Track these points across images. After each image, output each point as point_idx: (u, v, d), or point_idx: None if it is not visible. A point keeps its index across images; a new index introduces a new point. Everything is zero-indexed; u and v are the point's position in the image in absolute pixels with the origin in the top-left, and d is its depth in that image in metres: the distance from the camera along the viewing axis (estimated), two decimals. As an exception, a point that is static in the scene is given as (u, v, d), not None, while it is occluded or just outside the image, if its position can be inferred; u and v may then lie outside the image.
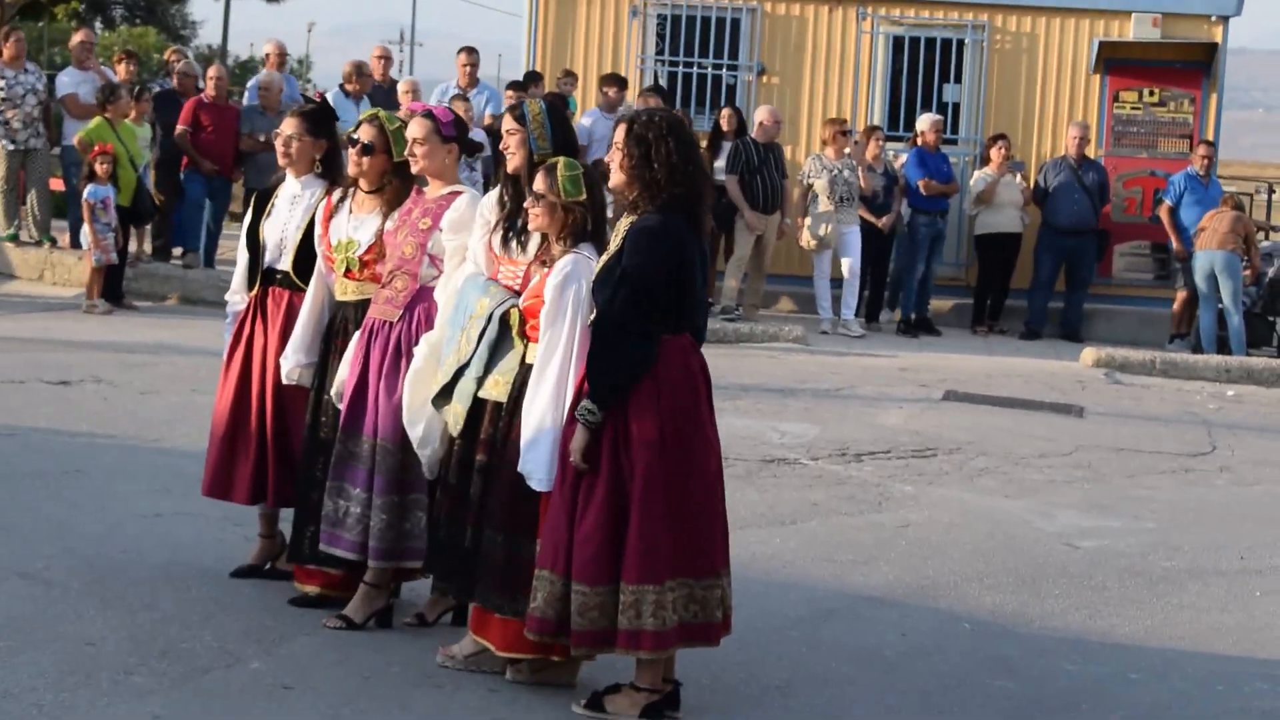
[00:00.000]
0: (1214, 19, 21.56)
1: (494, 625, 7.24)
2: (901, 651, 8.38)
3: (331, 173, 8.58)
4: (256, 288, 8.61)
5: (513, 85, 20.75)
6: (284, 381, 8.32)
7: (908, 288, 20.57)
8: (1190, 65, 21.64)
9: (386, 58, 21.16)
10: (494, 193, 7.68)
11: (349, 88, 19.95)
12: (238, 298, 8.83)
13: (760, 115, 20.02)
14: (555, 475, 6.97)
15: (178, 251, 20.40)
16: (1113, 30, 21.51)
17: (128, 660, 7.21)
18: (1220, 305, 19.73)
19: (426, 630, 8.06)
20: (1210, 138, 21.28)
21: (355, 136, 8.15)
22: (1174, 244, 20.28)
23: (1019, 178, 20.77)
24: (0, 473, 10.39)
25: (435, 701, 7.13)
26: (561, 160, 7.23)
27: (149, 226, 20.21)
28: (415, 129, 7.88)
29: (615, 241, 6.96)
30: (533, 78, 20.55)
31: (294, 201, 8.55)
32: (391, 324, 7.88)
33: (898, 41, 22.09)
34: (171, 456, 11.24)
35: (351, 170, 8.22)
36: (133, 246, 19.40)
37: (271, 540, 8.70)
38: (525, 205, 7.27)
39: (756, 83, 22.04)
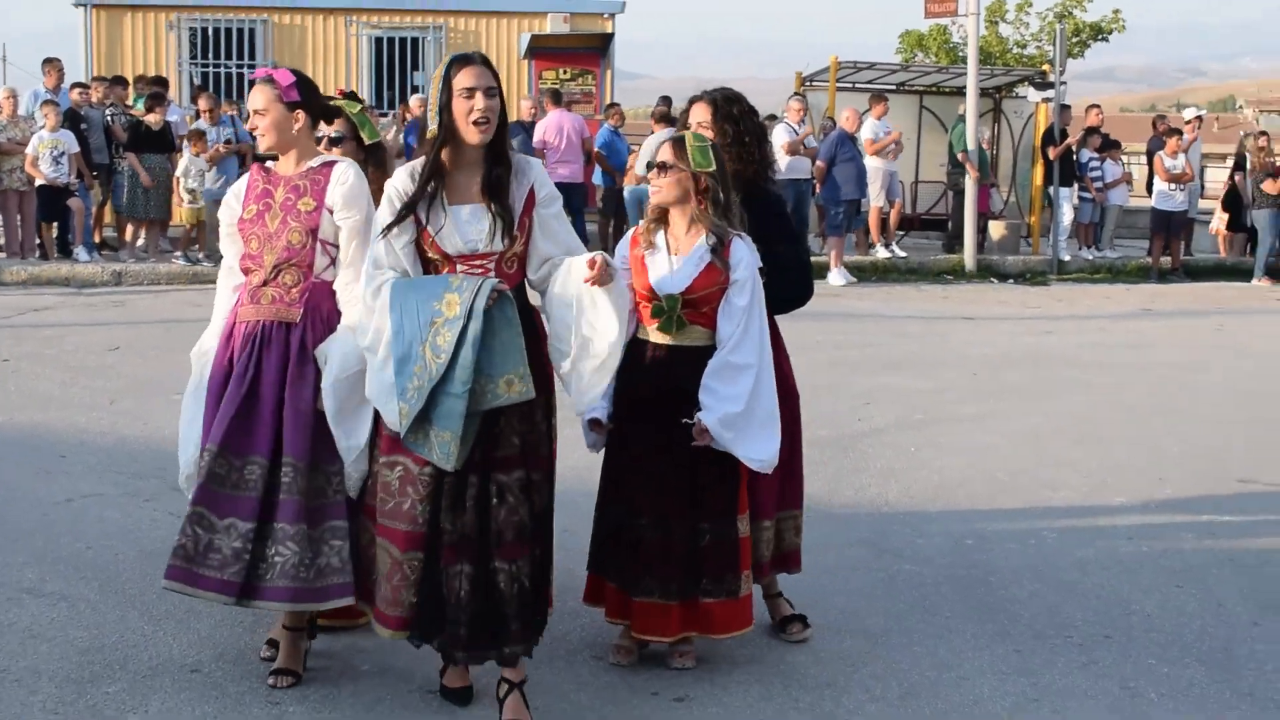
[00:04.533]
0: (606, 15, 20.59)
1: (713, 613, 4.91)
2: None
3: None
4: None
5: (77, 86, 17.51)
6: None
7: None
8: (592, 50, 20.46)
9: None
10: (404, 172, 4.54)
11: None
12: None
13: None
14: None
15: None
16: (535, 26, 20.14)
17: (250, 685, 4.81)
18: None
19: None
20: (610, 101, 20.08)
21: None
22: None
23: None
24: None
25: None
26: (689, 133, 5.02)
27: None
28: (255, 98, 4.87)
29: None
30: (117, 80, 17.32)
31: None
32: (291, 325, 4.77)
33: (378, 41, 20.28)
34: (17, 431, 8.38)
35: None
36: None
37: None
38: (649, 176, 4.95)
39: (272, 78, 19.59)
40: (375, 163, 5.28)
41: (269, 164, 5.01)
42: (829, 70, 21.19)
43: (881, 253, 18.82)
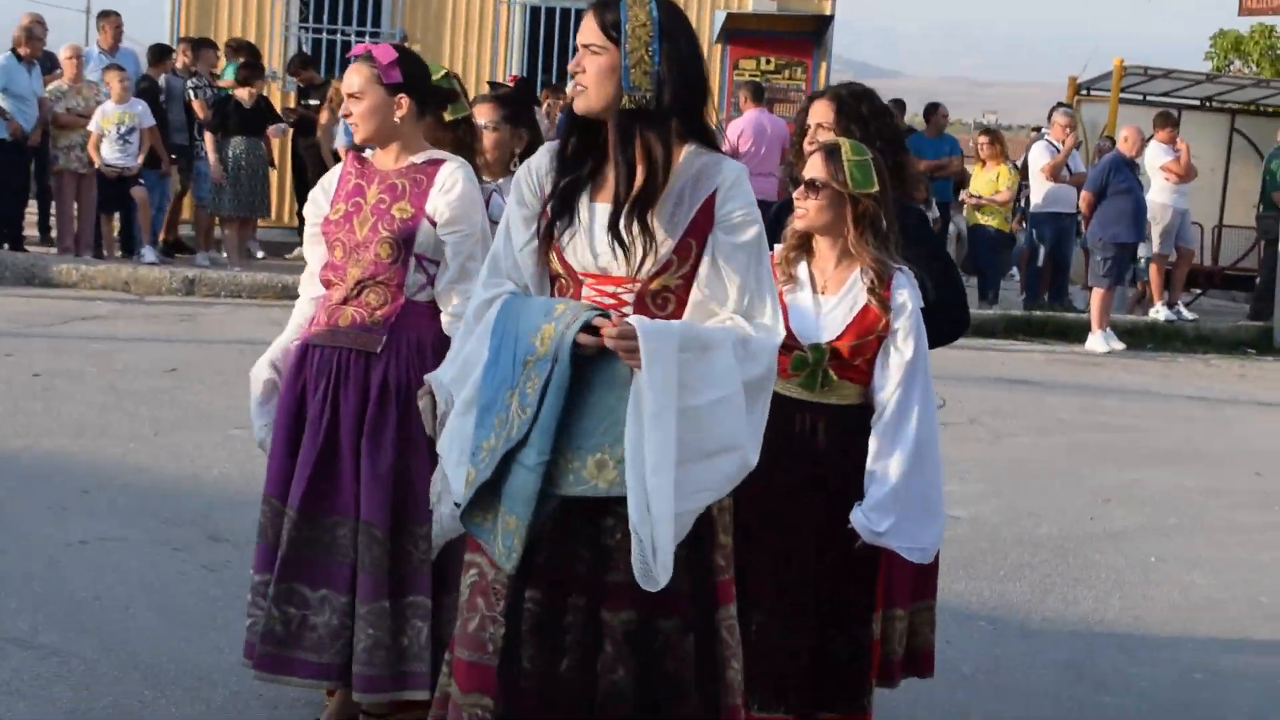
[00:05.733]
0: (824, -9, 20.74)
1: None
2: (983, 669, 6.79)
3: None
4: None
5: (156, 49, 18.30)
6: None
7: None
8: (802, 35, 20.64)
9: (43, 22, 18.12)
10: (544, 152, 4.08)
11: (22, 51, 16.88)
12: None
13: (434, 81, 18.03)
14: None
15: None
16: (733, 3, 20.38)
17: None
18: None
19: None
20: (822, 103, 20.36)
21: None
22: None
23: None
24: None
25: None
26: (846, 142, 4.91)
27: None
28: (350, 80, 5.03)
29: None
30: (203, 43, 18.14)
31: None
32: (371, 356, 4.99)
33: (534, 11, 20.59)
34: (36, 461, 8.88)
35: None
36: None
37: None
38: (795, 196, 4.95)
39: (399, 49, 20.19)
40: (456, 146, 5.44)
41: (366, 153, 5.17)
42: (1111, 76, 21.17)
43: (1162, 313, 18.68)
